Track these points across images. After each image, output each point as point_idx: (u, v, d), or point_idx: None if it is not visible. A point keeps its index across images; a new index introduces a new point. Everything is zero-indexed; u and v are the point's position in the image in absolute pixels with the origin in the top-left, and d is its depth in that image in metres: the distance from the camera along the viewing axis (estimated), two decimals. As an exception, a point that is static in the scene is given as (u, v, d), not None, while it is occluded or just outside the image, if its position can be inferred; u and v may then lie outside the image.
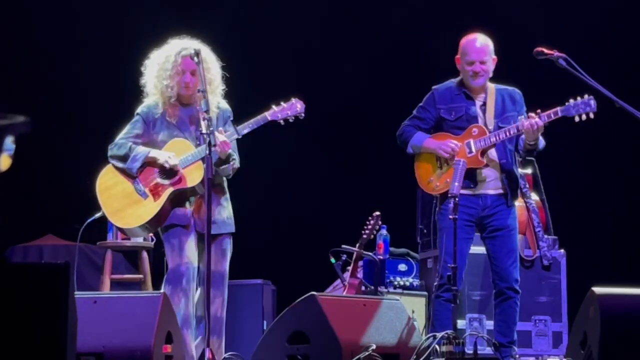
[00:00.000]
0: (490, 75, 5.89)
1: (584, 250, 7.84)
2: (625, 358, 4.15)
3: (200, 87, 5.26)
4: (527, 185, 7.45)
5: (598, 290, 4.41)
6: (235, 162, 5.64)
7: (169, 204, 5.51)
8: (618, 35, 8.69)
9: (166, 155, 5.52)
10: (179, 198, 5.54)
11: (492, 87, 5.93)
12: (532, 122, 5.62)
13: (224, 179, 5.68)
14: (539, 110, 5.71)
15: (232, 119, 5.69)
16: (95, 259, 7.36)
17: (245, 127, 5.58)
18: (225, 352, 5.37)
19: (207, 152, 5.18)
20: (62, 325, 2.64)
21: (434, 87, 6.01)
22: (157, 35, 5.78)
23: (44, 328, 2.64)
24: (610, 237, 8.57)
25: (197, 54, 5.34)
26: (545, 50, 5.74)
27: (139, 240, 6.71)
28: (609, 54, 8.47)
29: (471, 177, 5.73)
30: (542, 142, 5.85)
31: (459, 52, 5.92)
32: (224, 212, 5.64)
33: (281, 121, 5.68)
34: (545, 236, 7.36)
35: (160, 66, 5.58)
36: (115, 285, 6.76)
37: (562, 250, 7.40)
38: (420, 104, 6.02)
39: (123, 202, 5.53)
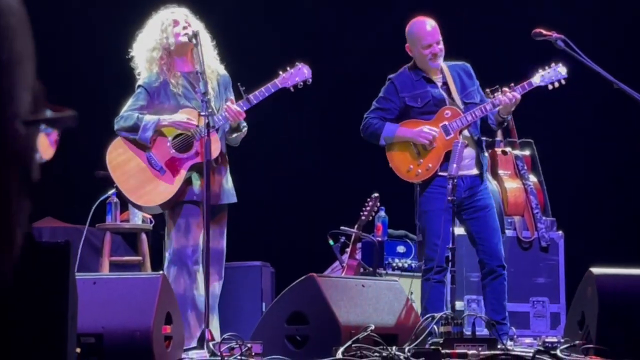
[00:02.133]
0: (444, 53, 5.89)
1: (581, 231, 7.86)
2: (622, 337, 4.17)
3: (199, 69, 5.23)
4: (525, 167, 7.46)
5: (596, 270, 4.43)
6: (245, 130, 5.60)
7: (185, 180, 5.44)
8: (617, 16, 8.68)
9: (184, 117, 5.42)
10: (194, 172, 5.47)
11: (444, 65, 5.93)
12: (510, 97, 5.67)
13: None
14: (512, 84, 5.75)
15: (231, 84, 5.65)
16: (94, 241, 7.37)
17: (257, 96, 5.47)
18: (224, 333, 5.39)
19: (206, 134, 5.17)
20: (63, 305, 2.66)
21: (390, 76, 5.99)
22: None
23: (44, 308, 2.65)
24: (608, 219, 8.59)
25: (196, 35, 5.32)
26: (544, 32, 5.75)
27: (137, 222, 6.71)
28: (607, 35, 8.47)
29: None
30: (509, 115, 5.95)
31: (408, 40, 5.90)
32: (229, 182, 5.61)
33: (291, 88, 5.60)
34: (543, 218, 7.37)
35: (148, 36, 5.50)
36: (114, 267, 6.77)
37: (560, 232, 7.41)
38: (380, 95, 5.98)
39: (140, 179, 5.43)
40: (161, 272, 4.67)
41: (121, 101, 5.64)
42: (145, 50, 5.53)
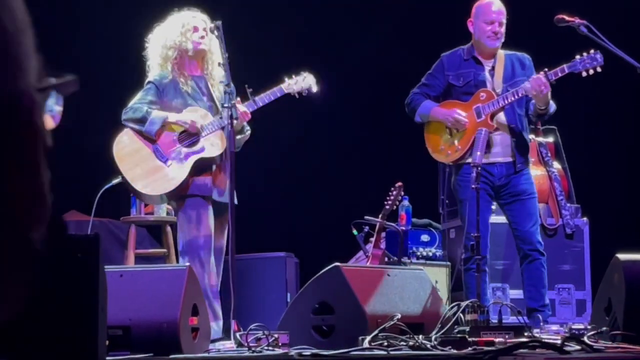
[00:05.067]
0: (503, 40, 5.90)
1: (606, 218, 7.83)
2: (650, 323, 4.15)
3: (221, 60, 5.29)
4: (549, 154, 7.43)
5: (622, 256, 4.40)
6: (248, 133, 5.68)
7: (192, 173, 5.52)
8: None
9: (191, 117, 5.52)
10: (200, 167, 5.55)
11: (501, 52, 5.96)
12: (537, 81, 5.62)
13: None
14: (545, 69, 5.71)
15: (235, 93, 5.70)
16: (119, 234, 7.40)
17: (264, 99, 5.59)
18: (250, 324, 5.40)
19: (229, 125, 5.21)
20: (94, 297, 2.67)
21: (442, 54, 6.04)
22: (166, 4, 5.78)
23: (75, 300, 2.67)
24: (632, 205, 8.54)
25: (218, 27, 5.35)
26: (567, 18, 5.73)
27: (162, 215, 6.74)
28: (631, 19, 8.40)
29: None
30: (552, 106, 5.87)
31: (472, 15, 5.93)
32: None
33: (296, 94, 5.72)
34: (568, 204, 7.34)
35: (165, 33, 5.56)
36: (140, 259, 6.80)
37: (584, 219, 7.38)
38: (429, 71, 6.05)
39: (146, 169, 5.51)
40: (187, 264, 4.68)
41: (130, 94, 5.71)
42: (161, 46, 5.60)
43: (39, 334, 2.51)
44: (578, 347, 3.94)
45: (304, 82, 5.71)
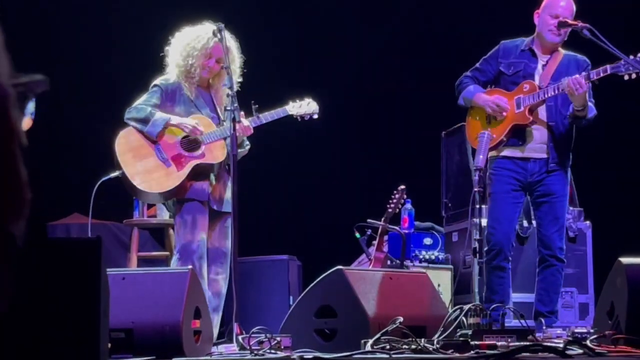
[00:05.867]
0: (565, 38, 5.83)
1: (609, 221, 7.82)
2: (653, 327, 4.15)
3: (225, 64, 5.30)
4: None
5: (625, 260, 4.40)
6: (247, 148, 5.75)
7: (190, 177, 5.55)
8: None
9: (193, 122, 5.57)
10: (198, 173, 5.59)
11: (561, 51, 5.88)
12: (575, 80, 5.54)
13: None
14: (589, 68, 5.68)
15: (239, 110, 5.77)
16: (122, 237, 7.41)
17: (267, 117, 5.70)
18: (253, 327, 5.41)
19: (232, 128, 5.22)
20: (96, 300, 2.67)
21: (502, 41, 5.98)
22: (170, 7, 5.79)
23: (77, 303, 2.67)
24: (635, 209, 8.53)
25: (221, 30, 5.37)
26: (569, 21, 5.72)
27: (165, 217, 6.74)
28: (633, 23, 8.40)
29: (519, 135, 5.73)
30: (592, 111, 5.79)
31: (540, 7, 5.85)
32: (229, 192, 5.71)
33: (298, 117, 5.88)
34: (571, 208, 7.33)
35: (188, 44, 5.62)
36: (142, 262, 6.81)
37: (587, 222, 7.37)
38: (485, 56, 6.00)
39: (146, 166, 5.57)
40: (189, 266, 4.69)
41: (134, 96, 5.76)
42: (179, 52, 5.67)
43: (41, 337, 2.51)
44: (580, 351, 3.94)
45: (307, 107, 5.88)
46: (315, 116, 5.93)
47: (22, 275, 1.27)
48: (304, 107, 5.87)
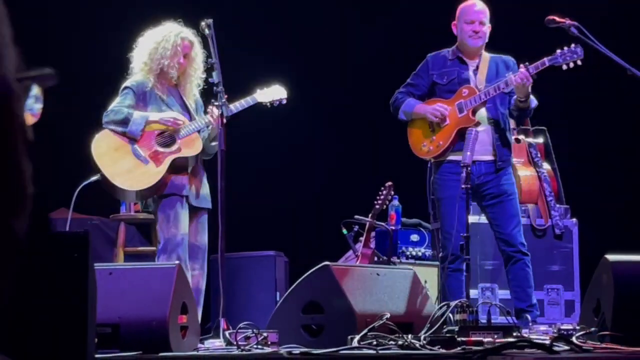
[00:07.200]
0: (487, 40, 5.94)
1: (595, 218, 7.84)
2: (638, 324, 4.16)
3: (213, 60, 5.33)
4: (539, 155, 7.44)
5: (611, 257, 4.41)
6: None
7: (168, 172, 5.58)
8: (632, 2, 8.64)
9: (172, 115, 5.63)
10: (176, 167, 5.66)
11: (486, 54, 6.01)
12: (522, 74, 5.65)
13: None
14: (527, 63, 5.74)
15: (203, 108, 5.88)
16: (109, 232, 7.38)
17: (238, 107, 5.73)
18: (239, 323, 5.41)
19: (220, 125, 5.23)
20: (83, 295, 2.67)
21: (429, 55, 6.08)
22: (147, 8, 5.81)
23: (65, 298, 2.66)
24: (621, 206, 8.57)
25: (209, 26, 5.38)
26: (557, 19, 5.74)
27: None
28: (620, 21, 8.43)
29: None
30: (534, 102, 5.90)
31: (456, 18, 5.99)
32: (205, 188, 5.79)
33: (267, 104, 5.90)
34: (557, 205, 7.35)
35: (156, 45, 5.67)
36: (129, 257, 6.79)
37: (574, 219, 7.40)
38: (414, 72, 6.10)
39: (126, 166, 5.61)
40: (177, 262, 4.68)
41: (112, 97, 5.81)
42: (147, 54, 5.72)
43: (28, 331, 2.50)
44: (567, 348, 3.95)
45: (275, 92, 5.90)
46: (284, 101, 5.95)
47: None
48: (272, 92, 5.90)
